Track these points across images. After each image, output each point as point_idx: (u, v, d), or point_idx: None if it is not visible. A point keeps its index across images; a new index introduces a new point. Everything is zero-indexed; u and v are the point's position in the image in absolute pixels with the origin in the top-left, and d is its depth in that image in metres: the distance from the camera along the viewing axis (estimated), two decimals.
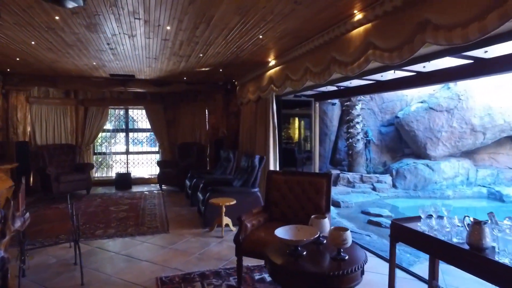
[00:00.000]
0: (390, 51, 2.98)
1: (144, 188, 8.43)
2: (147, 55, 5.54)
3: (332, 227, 2.14)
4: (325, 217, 2.35)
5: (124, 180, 8.43)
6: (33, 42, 4.81)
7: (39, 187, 7.44)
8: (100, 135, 9.08)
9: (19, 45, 4.96)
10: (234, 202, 4.87)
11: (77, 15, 3.67)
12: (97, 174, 9.15)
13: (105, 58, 5.80)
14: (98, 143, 9.21)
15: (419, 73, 4.26)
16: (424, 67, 4.02)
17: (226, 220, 4.94)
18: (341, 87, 6.29)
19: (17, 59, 5.88)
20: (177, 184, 7.95)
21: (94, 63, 6.21)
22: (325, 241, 2.29)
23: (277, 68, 5.64)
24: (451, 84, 8.91)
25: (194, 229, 5.10)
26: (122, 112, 9.38)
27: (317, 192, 3.34)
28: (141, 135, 9.62)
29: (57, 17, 3.76)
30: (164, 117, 9.13)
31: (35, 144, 7.85)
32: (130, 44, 4.88)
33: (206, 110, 9.14)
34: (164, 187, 8.34)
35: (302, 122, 8.91)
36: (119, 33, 4.35)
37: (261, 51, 5.20)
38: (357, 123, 9.57)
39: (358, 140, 9.52)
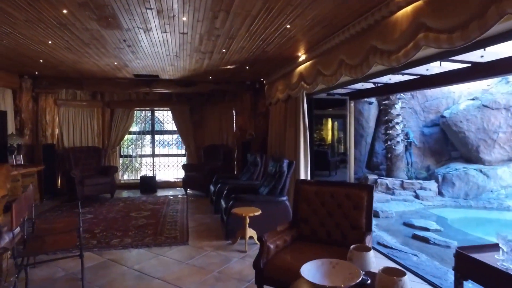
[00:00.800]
0: (450, 32, 2.34)
1: (169, 192, 8.15)
2: (167, 52, 5.19)
3: (382, 268, 1.56)
4: (370, 250, 1.78)
5: (149, 184, 8.21)
6: (50, 42, 4.60)
7: (65, 190, 7.37)
8: (126, 137, 8.95)
9: (37, 46, 4.79)
10: (259, 212, 4.36)
11: (84, 8, 3.34)
12: (123, 177, 9.02)
13: (125, 57, 5.53)
14: (124, 146, 9.08)
15: (475, 64, 3.51)
16: (482, 56, 3.30)
17: (251, 232, 4.45)
18: (379, 84, 5.61)
19: (41, 61, 5.76)
20: (202, 188, 7.58)
21: (115, 63, 5.97)
22: (369, 281, 1.72)
23: (308, 63, 5.08)
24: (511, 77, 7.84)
25: (215, 240, 4.66)
26: (148, 113, 9.19)
27: (355, 207, 2.75)
28: (168, 137, 9.38)
29: (64, 11, 3.46)
30: (190, 119, 8.83)
31: (62, 146, 7.82)
32: (147, 40, 4.53)
33: (233, 111, 8.73)
34: (189, 191, 8.00)
35: (336, 123, 8.26)
36: (133, 28, 4.00)
37: (289, 44, 4.66)
38: (397, 123, 8.73)
39: (397, 142, 8.67)
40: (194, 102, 8.85)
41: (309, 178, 5.50)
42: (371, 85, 5.80)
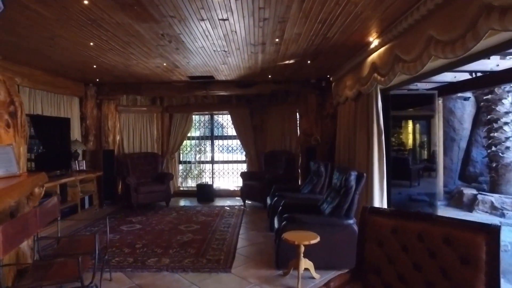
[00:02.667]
0: None
1: (227, 202, 7.59)
2: (213, 46, 4.57)
3: None
4: None
5: (206, 192, 7.77)
6: (91, 43, 4.33)
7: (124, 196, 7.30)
8: (185, 143, 8.68)
9: (82, 49, 4.57)
10: (318, 239, 3.42)
11: None
12: (183, 184, 8.77)
13: (171, 56, 5.08)
14: (185, 151, 8.83)
15: None
16: None
17: (306, 263, 3.53)
18: (479, 74, 4.27)
19: (94, 66, 5.65)
20: (261, 199, 6.83)
21: (164, 64, 5.59)
22: None
23: (382, 49, 4.00)
24: None
25: (264, 268, 3.84)
26: (207, 118, 8.81)
27: (463, 261, 1.67)
28: (229, 143, 8.87)
29: (85, 1, 3.03)
30: (250, 122, 8.19)
31: (123, 152, 7.82)
32: (186, 32, 3.95)
33: (297, 113, 7.84)
34: (248, 202, 7.33)
35: (418, 125, 6.84)
36: (166, 17, 3.43)
37: (356, 25, 3.66)
38: (505, 124, 6.87)
39: (507, 148, 6.82)
40: (255, 105, 8.19)
41: (384, 193, 4.36)
42: (466, 76, 4.47)
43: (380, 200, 4.33)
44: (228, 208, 6.93)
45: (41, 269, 2.68)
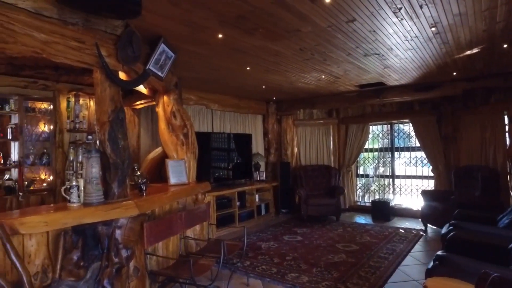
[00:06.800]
0: None
1: (405, 224, 6.57)
2: (354, 53, 4.15)
3: None
4: None
5: (381, 210, 7.01)
6: (248, 68, 4.89)
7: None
8: (362, 155, 8.19)
9: (243, 74, 5.20)
10: None
11: (228, 26, 3.18)
12: (361, 199, 8.27)
13: (325, 69, 4.99)
14: (363, 164, 8.33)
15: None
16: None
17: None
18: None
19: (263, 87, 6.32)
20: (443, 224, 5.49)
21: (323, 76, 5.54)
22: None
23: None
24: None
25: None
26: (386, 128, 7.97)
27: None
28: (413, 155, 7.66)
29: (219, 35, 3.47)
30: (437, 131, 6.80)
31: (300, 164, 8.23)
32: (323, 44, 3.79)
33: (505, 116, 5.89)
34: (431, 226, 6.09)
35: None
36: (289, 32, 3.43)
37: None
38: None
39: None
40: (443, 110, 6.75)
41: None
42: None
43: None
44: (402, 231, 5.99)
45: (181, 264, 3.22)
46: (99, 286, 2.54)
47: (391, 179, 7.79)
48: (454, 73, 5.46)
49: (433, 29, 3.43)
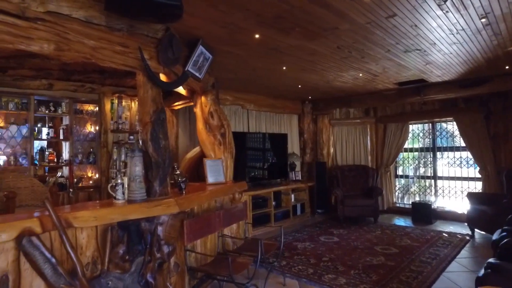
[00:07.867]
0: None
1: (449, 227, 6.23)
2: (393, 49, 4.00)
3: None
4: None
5: (423, 212, 6.71)
6: (284, 67, 4.88)
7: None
8: (402, 155, 7.87)
9: (280, 73, 5.20)
10: None
11: (264, 26, 3.20)
12: (401, 200, 7.95)
13: (363, 67, 4.87)
14: (403, 165, 8.00)
15: None
16: None
17: None
18: None
19: (299, 86, 6.28)
20: (492, 231, 5.15)
21: (361, 74, 5.40)
22: None
23: None
24: None
25: None
26: (427, 126, 7.59)
27: None
28: (457, 155, 7.24)
29: (256, 35, 3.50)
30: (486, 130, 6.39)
31: (336, 164, 8.08)
32: (361, 41, 3.70)
33: None
34: (478, 231, 5.73)
35: None
36: (326, 30, 3.38)
37: None
38: None
39: None
40: (492, 107, 6.33)
41: None
42: None
43: None
44: (446, 235, 5.69)
45: (220, 261, 3.28)
46: (143, 279, 2.65)
47: (432, 180, 7.42)
48: (507, 67, 5.10)
49: (483, 20, 3.22)
